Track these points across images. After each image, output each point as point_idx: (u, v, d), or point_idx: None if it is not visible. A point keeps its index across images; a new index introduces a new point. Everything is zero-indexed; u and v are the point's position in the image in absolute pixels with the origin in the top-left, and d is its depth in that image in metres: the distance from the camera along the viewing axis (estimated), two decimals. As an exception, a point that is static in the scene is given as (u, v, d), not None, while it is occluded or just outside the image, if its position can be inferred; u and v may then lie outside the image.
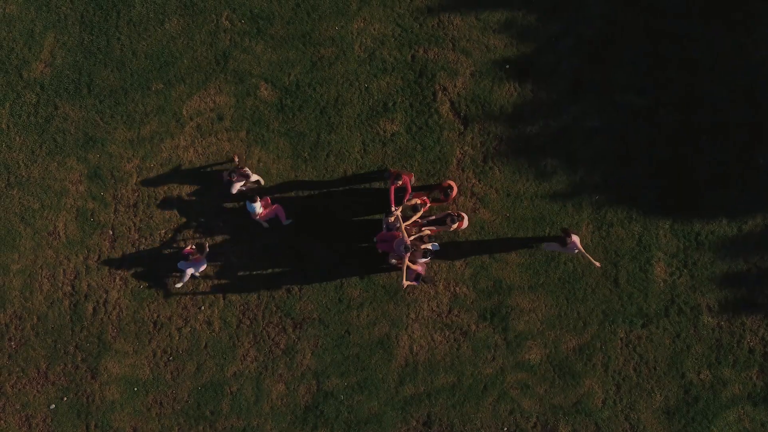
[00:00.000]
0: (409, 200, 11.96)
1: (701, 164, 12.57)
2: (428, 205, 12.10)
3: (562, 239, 11.59)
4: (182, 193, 12.84)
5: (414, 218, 11.88)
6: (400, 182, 11.73)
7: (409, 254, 11.26)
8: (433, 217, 12.29)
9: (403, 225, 11.47)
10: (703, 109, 12.58)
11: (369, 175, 12.70)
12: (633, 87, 12.63)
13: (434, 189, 12.19)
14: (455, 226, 11.90)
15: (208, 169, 12.81)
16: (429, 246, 11.62)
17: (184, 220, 12.82)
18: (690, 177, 12.58)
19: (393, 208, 11.59)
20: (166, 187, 12.84)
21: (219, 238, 12.77)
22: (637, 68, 12.64)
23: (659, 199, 12.62)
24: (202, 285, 12.76)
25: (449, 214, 11.93)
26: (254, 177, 12.26)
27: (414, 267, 11.69)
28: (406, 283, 11.40)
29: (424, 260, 11.66)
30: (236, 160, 12.36)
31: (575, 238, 11.62)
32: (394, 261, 12.10)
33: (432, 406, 12.67)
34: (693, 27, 12.63)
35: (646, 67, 12.64)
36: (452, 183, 12.09)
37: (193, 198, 12.82)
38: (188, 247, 12.35)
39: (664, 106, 12.60)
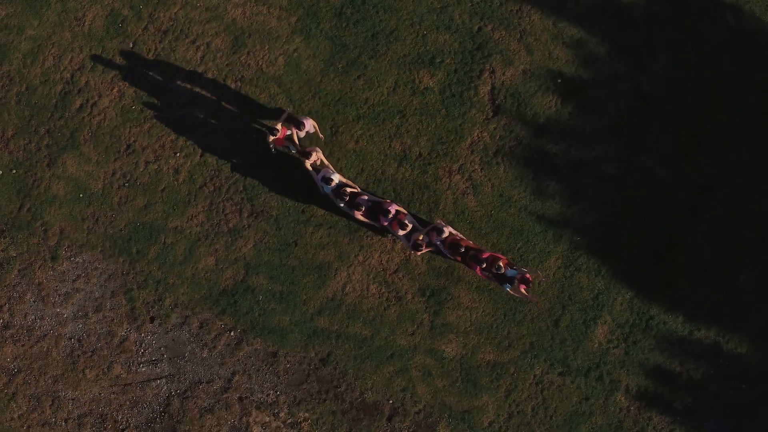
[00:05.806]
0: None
1: (692, 257, 12.51)
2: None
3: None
4: (212, 43, 12.81)
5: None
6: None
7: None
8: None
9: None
10: (715, 206, 12.50)
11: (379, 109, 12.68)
12: (661, 155, 12.58)
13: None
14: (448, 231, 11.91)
15: (246, 35, 12.78)
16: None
17: (201, 68, 12.80)
18: (674, 262, 12.52)
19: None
20: (200, 30, 12.81)
21: (225, 101, 12.75)
22: (674, 139, 12.58)
23: (634, 268, 12.59)
24: (188, 132, 12.75)
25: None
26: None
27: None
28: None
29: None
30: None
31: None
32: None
33: (336, 347, 12.67)
34: (749, 125, 12.53)
35: (682, 142, 12.58)
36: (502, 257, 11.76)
37: (219, 52, 12.79)
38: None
39: (682, 187, 12.55)
